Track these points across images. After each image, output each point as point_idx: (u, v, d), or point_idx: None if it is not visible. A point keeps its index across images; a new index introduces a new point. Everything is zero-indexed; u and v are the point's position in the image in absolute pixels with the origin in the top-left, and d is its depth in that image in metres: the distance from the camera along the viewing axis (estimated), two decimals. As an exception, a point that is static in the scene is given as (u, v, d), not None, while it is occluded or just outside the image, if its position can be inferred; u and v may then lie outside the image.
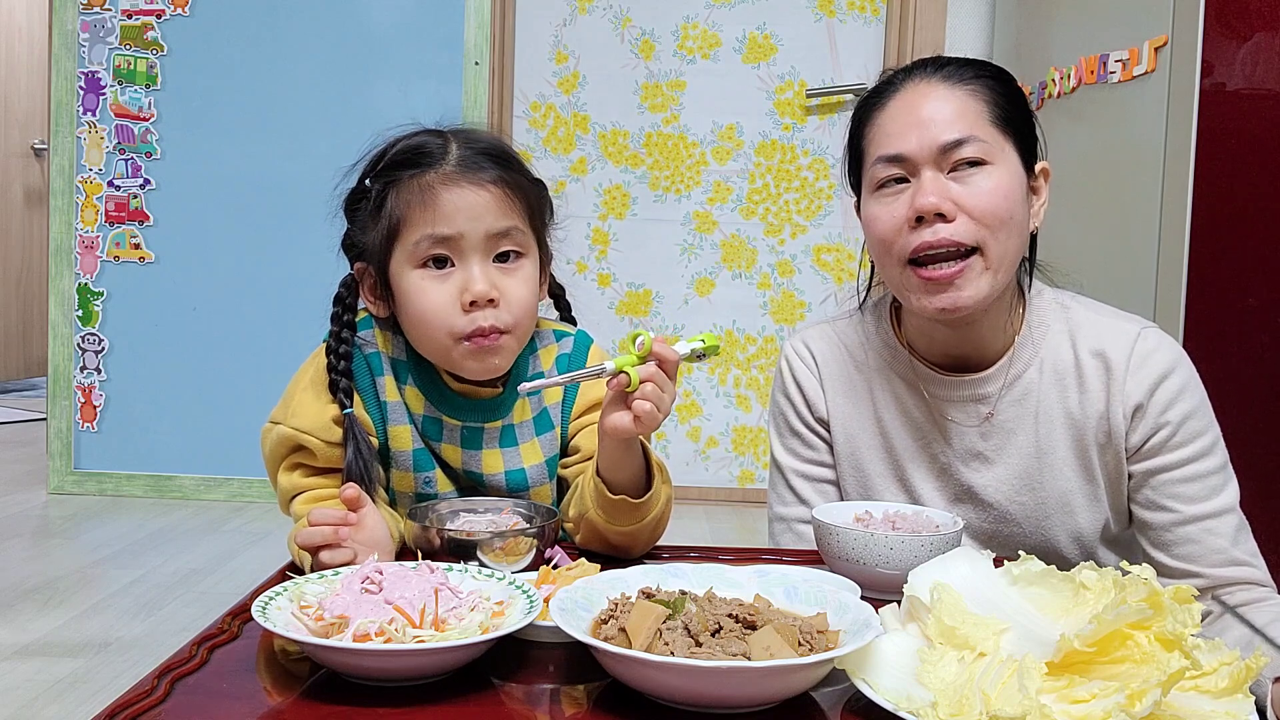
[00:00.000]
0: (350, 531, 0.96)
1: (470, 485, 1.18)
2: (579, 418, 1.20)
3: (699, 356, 1.02)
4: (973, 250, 1.11)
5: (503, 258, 1.10)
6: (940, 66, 1.16)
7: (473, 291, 1.06)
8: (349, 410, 1.09)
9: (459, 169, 1.08)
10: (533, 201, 1.13)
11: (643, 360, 0.99)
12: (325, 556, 0.95)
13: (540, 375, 1.19)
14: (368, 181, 1.13)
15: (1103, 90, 2.32)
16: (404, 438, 1.14)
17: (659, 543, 1.12)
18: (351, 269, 1.16)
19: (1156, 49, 2.08)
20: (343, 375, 1.10)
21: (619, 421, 0.98)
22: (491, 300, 1.07)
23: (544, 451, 1.19)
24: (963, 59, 1.18)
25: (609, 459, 1.04)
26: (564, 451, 1.22)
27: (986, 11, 3.24)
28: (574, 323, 1.29)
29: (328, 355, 1.12)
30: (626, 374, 0.97)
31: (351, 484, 1.00)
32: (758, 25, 3.35)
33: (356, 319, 1.15)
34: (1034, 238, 1.22)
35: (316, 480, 1.11)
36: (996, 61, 1.22)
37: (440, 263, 1.08)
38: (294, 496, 1.11)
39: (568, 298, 1.28)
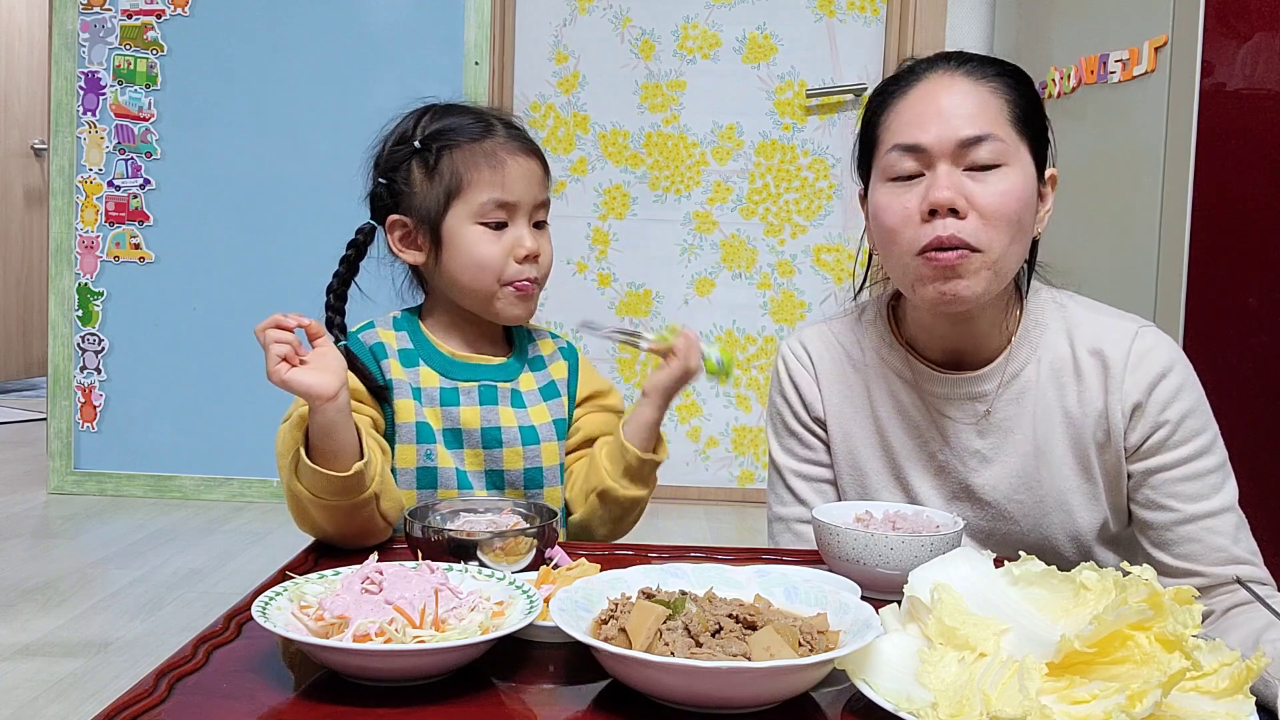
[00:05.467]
0: (308, 355, 1.04)
1: (473, 454, 1.22)
2: (582, 403, 1.32)
3: (719, 369, 1.21)
4: (977, 250, 1.11)
5: (536, 225, 1.26)
6: (963, 61, 1.16)
7: (525, 248, 1.23)
8: (344, 343, 1.19)
9: (514, 141, 1.24)
10: (549, 178, 1.31)
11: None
12: (270, 333, 1.03)
13: (542, 359, 1.32)
14: (417, 143, 1.24)
15: (1103, 90, 2.32)
16: (407, 410, 1.21)
17: (658, 543, 1.13)
18: (371, 220, 1.27)
19: (1156, 49, 2.08)
20: (338, 313, 1.22)
21: (662, 370, 1.21)
22: (535, 257, 1.24)
23: (551, 413, 1.28)
24: (985, 56, 1.17)
25: (641, 419, 1.22)
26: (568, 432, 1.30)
27: (986, 12, 3.24)
28: None
29: (327, 294, 1.23)
30: (666, 340, 1.22)
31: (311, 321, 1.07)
32: (758, 25, 3.35)
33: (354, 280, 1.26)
34: (1035, 241, 1.21)
35: None
36: (996, 61, 1.23)
37: (498, 224, 1.23)
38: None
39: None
